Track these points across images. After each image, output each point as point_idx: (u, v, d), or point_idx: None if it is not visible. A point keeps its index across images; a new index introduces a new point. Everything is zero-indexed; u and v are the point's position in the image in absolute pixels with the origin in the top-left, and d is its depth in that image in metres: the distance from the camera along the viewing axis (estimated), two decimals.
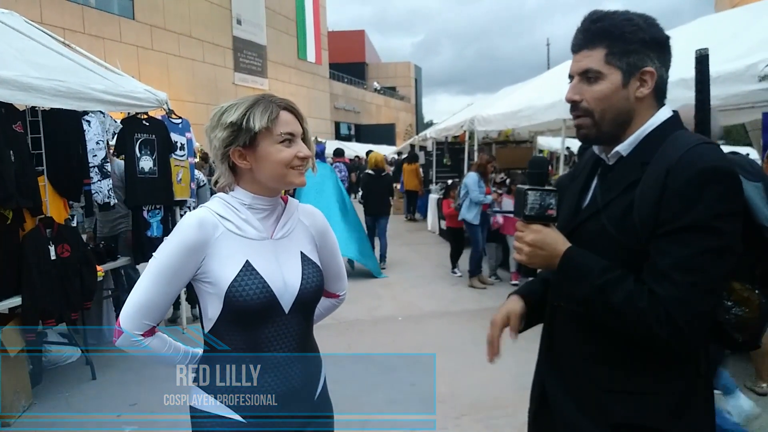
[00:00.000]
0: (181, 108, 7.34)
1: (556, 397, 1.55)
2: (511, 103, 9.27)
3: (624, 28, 1.40)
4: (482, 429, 3.92)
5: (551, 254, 1.44)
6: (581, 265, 1.40)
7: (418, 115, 70.52)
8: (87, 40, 18.50)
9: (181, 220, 1.60)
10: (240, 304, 1.54)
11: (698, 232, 1.27)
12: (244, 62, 30.46)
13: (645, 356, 1.38)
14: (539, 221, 1.47)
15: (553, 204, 1.47)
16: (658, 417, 1.37)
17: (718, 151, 1.33)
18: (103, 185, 5.33)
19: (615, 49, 1.40)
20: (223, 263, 1.55)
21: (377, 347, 5.72)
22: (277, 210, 1.69)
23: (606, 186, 1.47)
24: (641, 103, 1.43)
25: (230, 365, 1.60)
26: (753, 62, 4.55)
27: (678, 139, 1.36)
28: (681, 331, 1.27)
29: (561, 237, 1.46)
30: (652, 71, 1.41)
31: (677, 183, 1.28)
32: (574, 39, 1.48)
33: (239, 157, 1.58)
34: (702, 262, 1.27)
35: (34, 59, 4.54)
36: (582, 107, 1.46)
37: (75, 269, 4.64)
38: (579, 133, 1.51)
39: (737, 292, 1.41)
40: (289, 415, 1.66)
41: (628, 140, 1.45)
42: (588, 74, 1.44)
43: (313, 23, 39.93)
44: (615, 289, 1.33)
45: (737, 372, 4.65)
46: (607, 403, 1.41)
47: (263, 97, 1.60)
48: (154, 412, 4.22)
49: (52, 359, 5.19)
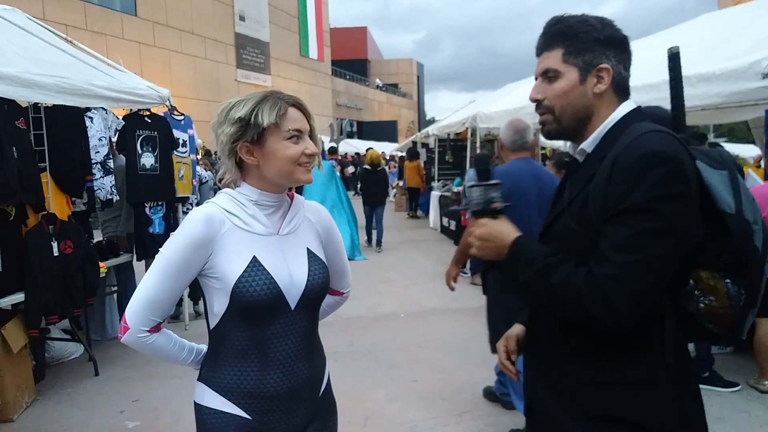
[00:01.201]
0: (183, 105, 7.33)
1: (538, 391, 1.58)
2: (514, 100, 9.27)
3: (579, 28, 1.48)
4: (484, 426, 3.92)
5: (500, 245, 1.49)
6: (527, 251, 1.46)
7: (420, 112, 70.51)
8: (89, 37, 18.52)
9: (187, 215, 1.59)
10: (247, 299, 1.54)
11: (636, 214, 1.30)
12: (246, 59, 30.45)
13: (612, 347, 1.40)
14: (486, 215, 1.53)
15: (497, 197, 1.53)
16: (630, 408, 1.39)
17: (664, 138, 1.36)
18: (105, 182, 5.33)
19: (571, 48, 1.48)
20: (230, 258, 1.55)
21: (379, 344, 5.73)
22: (284, 206, 1.69)
23: (572, 183, 1.54)
24: (600, 99, 1.49)
25: (236, 362, 1.60)
26: (756, 59, 4.53)
27: (631, 130, 1.41)
28: (615, 309, 1.30)
29: (509, 228, 1.52)
30: (607, 68, 1.47)
31: (620, 169, 1.34)
32: (537, 43, 1.56)
33: (246, 152, 1.58)
34: (639, 242, 1.30)
35: (36, 56, 4.54)
36: (544, 105, 1.53)
37: (78, 266, 4.65)
38: (543, 129, 1.58)
39: (704, 281, 1.43)
40: (294, 412, 1.67)
41: (591, 137, 1.51)
42: (548, 74, 1.51)
43: (315, 20, 39.91)
44: (555, 270, 1.38)
45: (740, 369, 4.66)
46: (583, 396, 1.44)
47: (271, 93, 1.60)
48: (156, 408, 4.25)
49: (55, 355, 5.22)
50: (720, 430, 3.60)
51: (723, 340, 1.51)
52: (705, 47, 5.54)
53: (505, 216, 1.55)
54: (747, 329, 1.48)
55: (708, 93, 4.65)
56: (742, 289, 1.42)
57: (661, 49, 1.64)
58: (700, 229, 1.39)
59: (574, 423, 1.44)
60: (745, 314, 1.44)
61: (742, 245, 1.39)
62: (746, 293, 1.43)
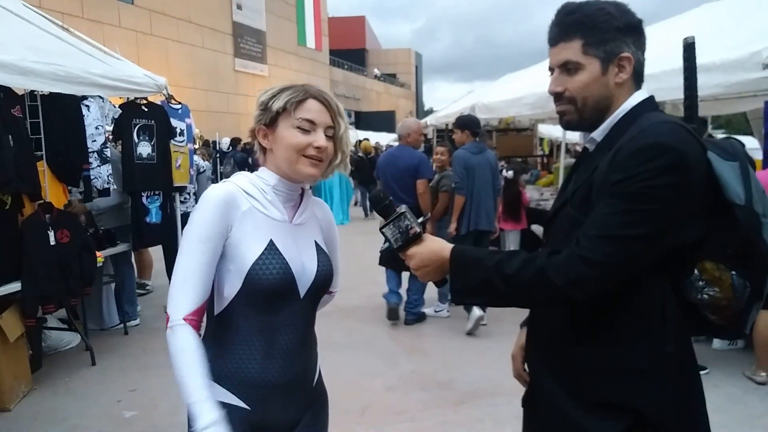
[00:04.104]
0: (180, 94, 7.28)
1: (540, 379, 1.59)
2: (513, 90, 9.21)
3: (597, 18, 1.44)
4: (482, 416, 3.93)
5: (439, 263, 1.51)
6: (469, 256, 1.48)
7: (419, 103, 70.26)
8: (86, 25, 18.36)
9: (205, 192, 1.58)
10: (262, 282, 1.53)
11: (624, 196, 1.31)
12: (244, 48, 30.25)
13: (614, 336, 1.41)
14: (410, 245, 1.53)
15: (409, 223, 1.53)
16: (630, 395, 1.39)
17: (670, 129, 1.35)
18: (102, 170, 5.31)
19: (591, 39, 1.45)
20: (248, 239, 1.55)
21: (377, 334, 5.73)
22: (297, 198, 1.70)
23: (578, 173, 1.54)
24: (620, 88, 1.48)
25: (240, 349, 1.58)
26: (757, 50, 4.52)
27: (642, 121, 1.40)
28: (581, 278, 1.32)
29: (439, 244, 1.53)
30: (629, 56, 1.46)
31: (622, 157, 1.34)
32: (550, 32, 1.53)
33: (263, 136, 1.62)
34: (617, 220, 1.31)
35: (32, 43, 4.50)
36: (566, 97, 1.51)
37: (75, 255, 4.63)
38: (562, 120, 1.55)
39: (708, 272, 1.43)
40: (291, 403, 1.67)
41: (602, 126, 1.50)
42: (567, 65, 1.48)
43: (313, 9, 39.63)
44: (509, 261, 1.40)
45: (739, 361, 4.68)
46: (585, 383, 1.44)
47: (301, 84, 1.62)
48: (154, 397, 4.25)
49: (51, 345, 5.20)
50: (717, 422, 3.62)
51: (726, 332, 1.51)
52: (705, 37, 5.50)
53: (427, 231, 1.57)
54: (751, 323, 1.47)
55: (707, 83, 4.62)
56: (747, 281, 1.42)
57: (662, 39, 1.65)
58: (701, 224, 1.38)
59: (575, 409, 1.44)
60: (749, 307, 1.43)
61: (749, 237, 1.39)
62: (751, 286, 1.42)
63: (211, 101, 25.33)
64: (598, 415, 1.41)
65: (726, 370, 4.54)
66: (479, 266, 1.43)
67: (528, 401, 1.69)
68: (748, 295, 1.42)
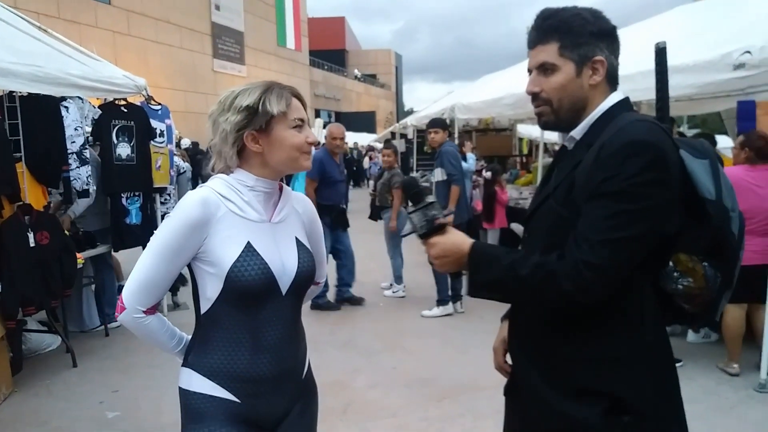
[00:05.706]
0: (159, 94, 7.24)
1: (520, 368, 1.65)
2: (492, 91, 9.29)
3: (573, 23, 1.51)
4: (463, 411, 3.99)
5: (458, 256, 1.55)
6: (487, 253, 1.53)
7: (399, 103, 70.33)
8: (62, 26, 18.13)
9: (182, 198, 1.62)
10: (241, 284, 1.57)
11: (615, 196, 1.36)
12: (222, 48, 30.05)
13: (594, 326, 1.46)
14: (433, 233, 1.58)
15: (437, 213, 1.58)
16: (610, 382, 1.45)
17: (648, 127, 1.42)
18: (81, 172, 5.27)
19: (566, 42, 1.51)
20: (225, 243, 1.58)
21: (359, 332, 5.77)
22: (275, 195, 1.73)
23: (559, 169, 1.60)
24: (595, 90, 1.54)
25: (228, 346, 1.62)
26: (728, 51, 4.62)
27: (619, 120, 1.46)
28: (588, 286, 1.37)
29: (460, 237, 1.57)
30: (602, 60, 1.52)
31: (605, 154, 1.39)
32: (529, 36, 1.60)
33: (252, 140, 1.61)
34: (614, 222, 1.36)
35: (10, 44, 4.47)
36: (542, 97, 1.57)
37: (55, 256, 4.60)
38: (540, 120, 1.62)
39: (683, 263, 1.51)
40: (281, 395, 1.71)
41: (581, 125, 1.56)
42: (545, 67, 1.55)
43: (293, 9, 39.46)
44: (523, 263, 1.44)
45: (712, 354, 4.79)
46: (566, 372, 1.50)
47: (273, 83, 1.65)
48: (137, 397, 4.24)
49: (32, 347, 5.16)
50: (692, 412, 3.70)
51: (699, 320, 1.58)
52: (679, 39, 5.63)
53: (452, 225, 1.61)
54: (721, 311, 1.56)
55: (681, 84, 4.72)
56: (718, 272, 1.51)
57: (636, 40, 1.71)
58: (680, 216, 1.45)
59: (556, 396, 1.50)
60: (720, 296, 1.53)
61: (720, 230, 1.48)
62: (722, 276, 1.51)
63: (189, 102, 25.12)
64: (576, 400, 1.47)
65: (700, 362, 4.65)
66: (496, 264, 1.47)
67: (510, 390, 1.74)
68: (719, 284, 1.51)
